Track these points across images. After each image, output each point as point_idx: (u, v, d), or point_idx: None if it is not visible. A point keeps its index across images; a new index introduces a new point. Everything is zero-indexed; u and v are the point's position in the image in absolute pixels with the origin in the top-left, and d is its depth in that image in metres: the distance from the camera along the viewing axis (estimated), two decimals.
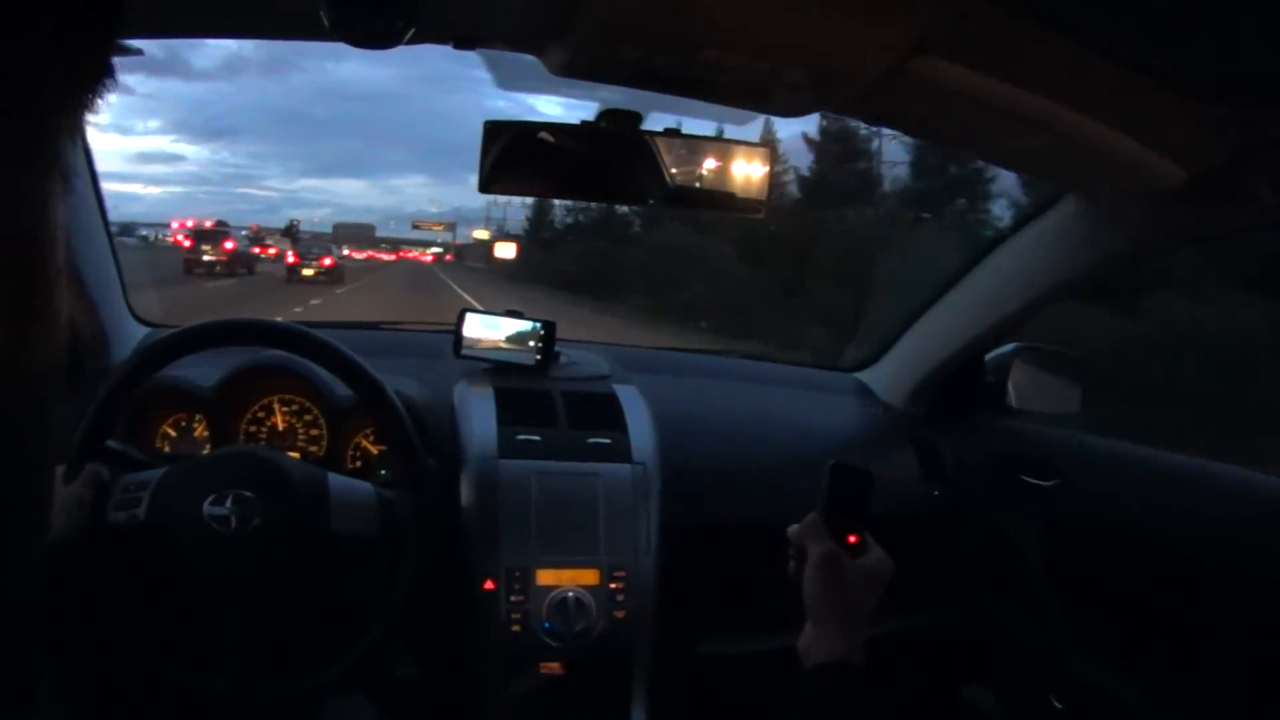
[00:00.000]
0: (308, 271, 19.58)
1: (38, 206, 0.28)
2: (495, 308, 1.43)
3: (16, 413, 0.30)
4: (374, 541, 0.95)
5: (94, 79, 0.28)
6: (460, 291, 17.14)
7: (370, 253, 47.30)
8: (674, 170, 0.89)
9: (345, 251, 24.05)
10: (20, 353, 0.29)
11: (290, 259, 20.90)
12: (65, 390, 0.35)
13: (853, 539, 0.79)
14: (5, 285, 0.27)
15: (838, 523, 0.79)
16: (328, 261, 20.59)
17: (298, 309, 10.43)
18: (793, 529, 0.81)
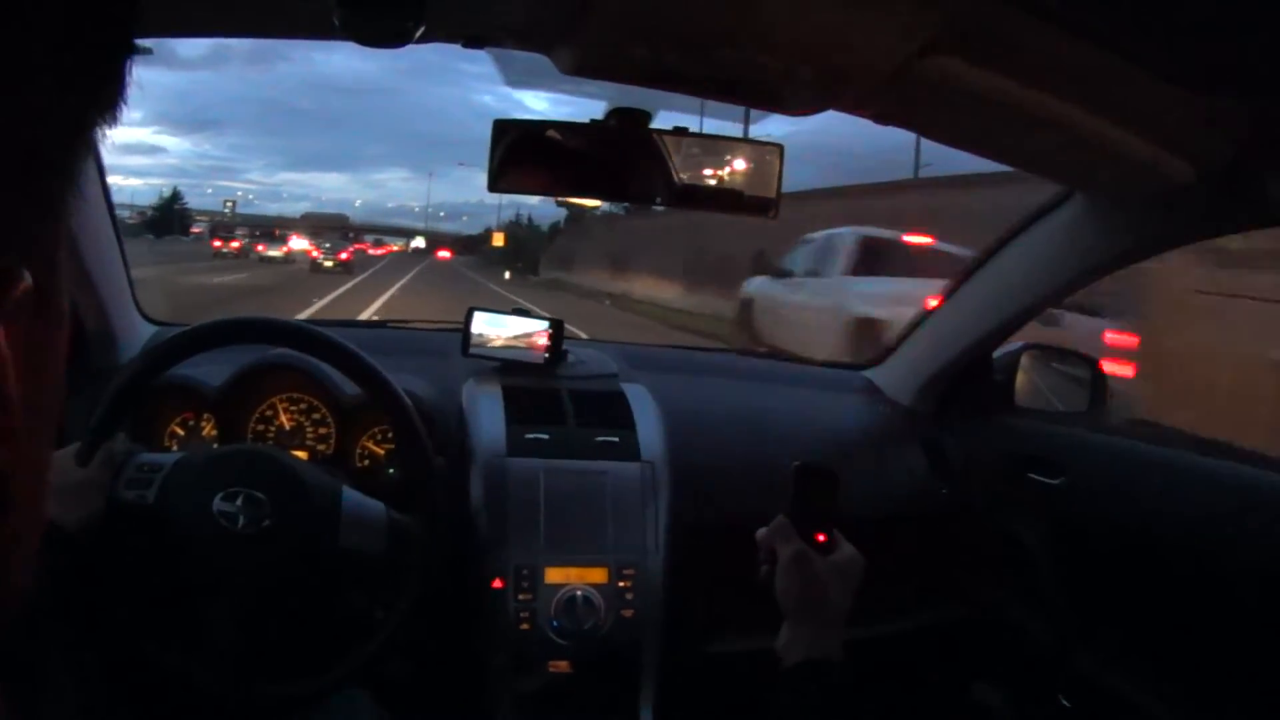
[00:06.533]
0: (328, 264, 24.12)
1: (54, 216, 0.28)
2: None
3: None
4: (379, 561, 0.94)
5: (116, 87, 0.27)
6: None
7: (358, 245, 46.31)
8: (683, 169, 0.89)
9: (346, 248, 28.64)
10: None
11: (314, 254, 26.16)
12: (72, 389, 0.35)
13: (821, 538, 0.80)
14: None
15: (806, 523, 0.81)
16: (344, 255, 25.61)
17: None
18: (761, 532, 0.82)
